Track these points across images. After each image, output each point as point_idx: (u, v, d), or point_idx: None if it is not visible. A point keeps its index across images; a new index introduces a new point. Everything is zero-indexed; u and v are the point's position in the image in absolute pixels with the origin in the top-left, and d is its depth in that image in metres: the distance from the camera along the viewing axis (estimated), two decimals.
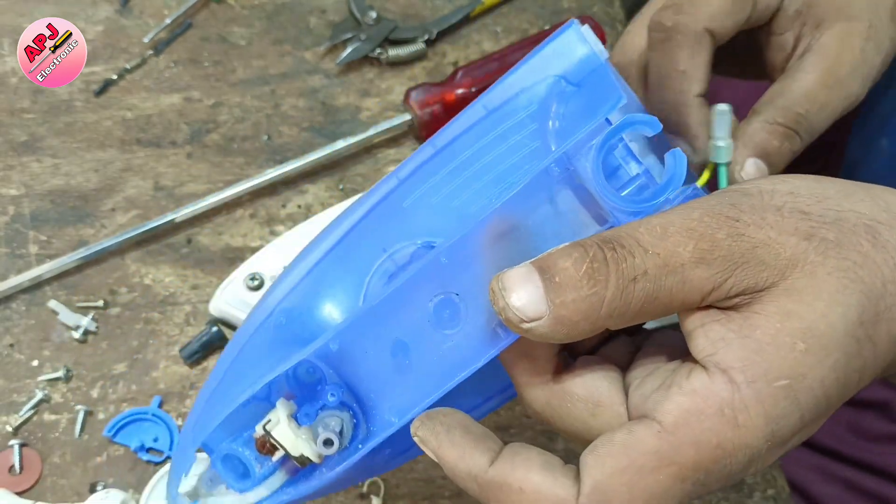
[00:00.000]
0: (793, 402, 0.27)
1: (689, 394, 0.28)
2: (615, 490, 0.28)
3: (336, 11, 0.65)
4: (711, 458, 0.27)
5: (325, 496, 0.46)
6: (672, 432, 0.27)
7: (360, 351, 0.35)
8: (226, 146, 0.59)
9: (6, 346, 0.52)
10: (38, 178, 0.57)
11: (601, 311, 0.28)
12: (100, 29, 0.63)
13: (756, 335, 0.27)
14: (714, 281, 0.28)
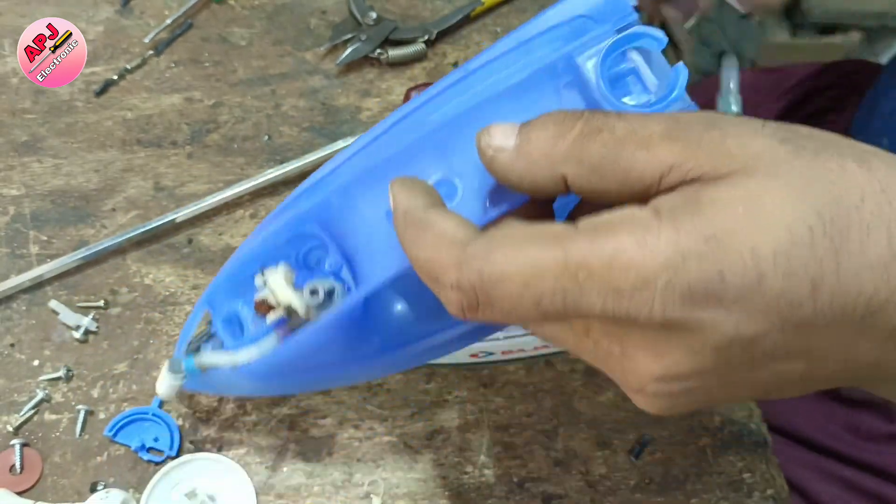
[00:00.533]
0: (712, 249, 0.25)
1: (614, 213, 0.27)
2: (500, 244, 0.27)
3: (336, 12, 0.65)
4: (600, 259, 0.26)
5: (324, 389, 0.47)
6: (578, 230, 0.27)
7: (358, 210, 0.37)
8: (226, 146, 0.59)
9: (7, 345, 0.52)
10: (39, 179, 0.58)
11: (558, 149, 0.28)
12: (100, 29, 0.63)
13: (700, 194, 0.26)
14: (675, 157, 0.27)
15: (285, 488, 0.50)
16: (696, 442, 0.52)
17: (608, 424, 0.52)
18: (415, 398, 0.52)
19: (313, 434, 0.51)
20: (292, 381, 0.45)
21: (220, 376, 0.44)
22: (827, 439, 0.68)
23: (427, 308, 0.44)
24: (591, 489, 0.50)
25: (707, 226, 0.25)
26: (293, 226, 0.40)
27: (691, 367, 0.27)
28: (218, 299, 0.43)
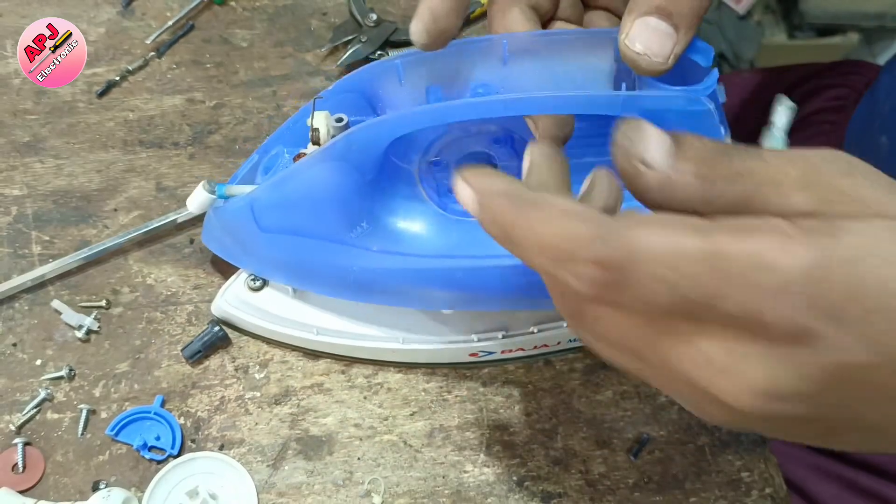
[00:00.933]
0: (851, 273, 0.25)
1: (755, 217, 0.27)
2: (646, 222, 0.27)
3: (337, 13, 0.65)
4: (743, 253, 0.26)
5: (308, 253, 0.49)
6: (722, 225, 0.27)
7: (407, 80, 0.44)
8: (228, 147, 0.60)
9: (9, 345, 0.53)
10: (41, 179, 0.58)
11: (703, 191, 0.28)
12: (102, 30, 0.63)
13: (840, 223, 0.26)
14: (811, 206, 0.27)
15: (286, 487, 0.50)
16: (695, 441, 0.52)
17: (607, 423, 0.52)
18: (415, 397, 0.53)
19: (314, 433, 0.51)
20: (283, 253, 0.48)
21: (230, 221, 0.49)
22: None
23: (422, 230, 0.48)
24: (590, 488, 0.51)
25: (846, 250, 0.25)
26: (359, 77, 0.46)
27: (796, 387, 0.26)
28: (269, 145, 0.49)
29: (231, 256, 0.52)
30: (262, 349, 0.53)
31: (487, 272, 0.45)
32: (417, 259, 0.46)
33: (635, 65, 0.37)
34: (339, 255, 0.46)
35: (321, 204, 0.45)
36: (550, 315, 0.51)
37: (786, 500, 0.51)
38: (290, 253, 0.48)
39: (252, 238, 0.48)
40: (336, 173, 0.44)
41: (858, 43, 1.58)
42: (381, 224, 0.47)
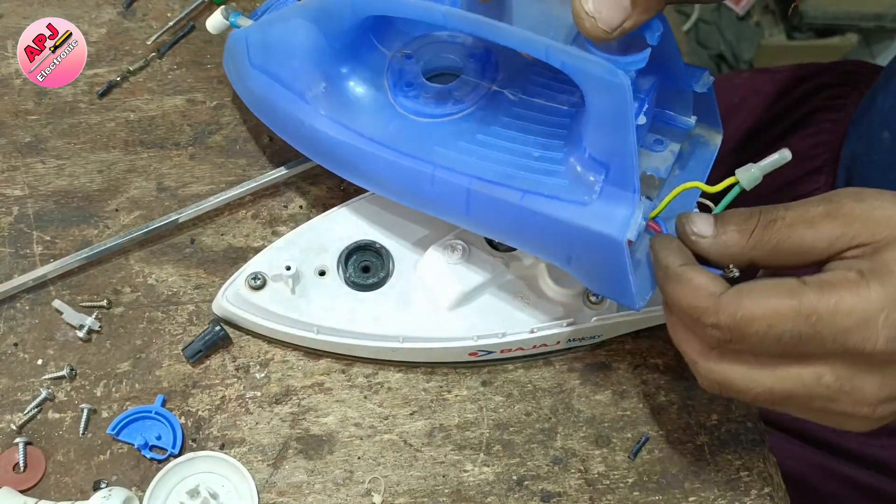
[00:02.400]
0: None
1: (830, 273, 0.37)
2: (749, 293, 0.37)
3: None
4: (827, 307, 0.35)
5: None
6: (807, 284, 0.36)
7: None
8: (228, 147, 0.60)
9: (11, 345, 0.53)
10: (43, 179, 0.58)
11: (747, 241, 0.39)
12: (103, 31, 0.63)
13: (885, 261, 0.36)
14: (837, 230, 0.37)
15: (287, 486, 0.50)
16: (694, 440, 0.53)
17: (607, 423, 0.53)
18: (415, 397, 0.53)
19: (314, 432, 0.51)
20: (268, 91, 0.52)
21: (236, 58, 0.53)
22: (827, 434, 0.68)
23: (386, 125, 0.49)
24: (589, 487, 0.51)
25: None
26: None
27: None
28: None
29: (234, 83, 0.56)
30: (263, 349, 0.54)
31: (408, 171, 0.48)
32: (355, 136, 0.49)
33: (580, 22, 0.38)
34: (297, 107, 0.50)
35: (289, 55, 0.50)
36: (549, 315, 0.51)
37: (784, 499, 0.51)
38: (267, 93, 0.52)
39: (245, 70, 0.53)
40: (303, 31, 0.48)
41: (857, 44, 1.59)
42: (337, 92, 0.50)
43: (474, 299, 0.51)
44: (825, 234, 0.37)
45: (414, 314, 0.51)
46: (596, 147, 0.42)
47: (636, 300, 0.44)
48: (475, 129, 0.48)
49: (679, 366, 0.54)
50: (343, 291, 0.52)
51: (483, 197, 0.45)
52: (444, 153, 0.47)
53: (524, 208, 0.44)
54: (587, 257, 0.44)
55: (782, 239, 0.38)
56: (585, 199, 0.43)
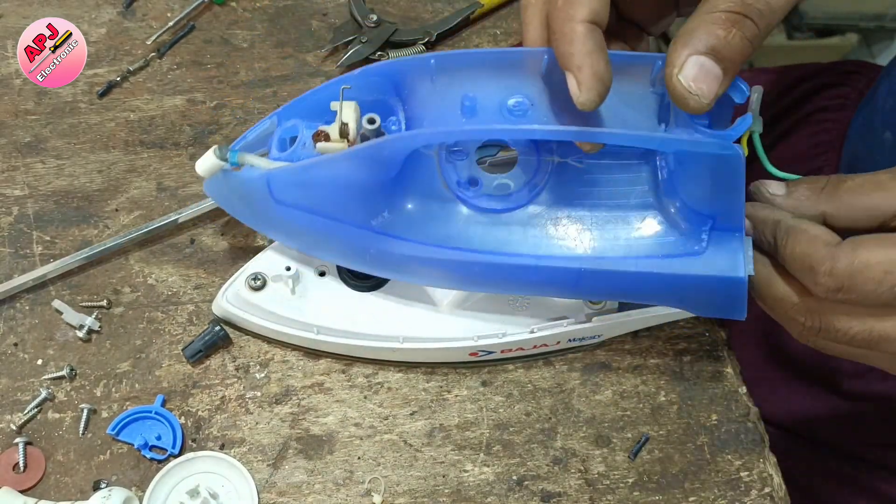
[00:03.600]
0: None
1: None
2: (865, 244, 0.38)
3: (337, 14, 0.65)
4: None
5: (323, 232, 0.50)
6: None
7: (441, 82, 0.44)
8: None
9: (11, 345, 0.53)
10: (42, 179, 0.58)
11: (817, 195, 0.42)
12: (103, 31, 0.63)
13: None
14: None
15: (287, 486, 0.50)
16: (694, 440, 0.53)
17: (607, 423, 0.53)
18: (415, 397, 0.53)
19: (314, 432, 0.51)
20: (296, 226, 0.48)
21: (244, 187, 0.48)
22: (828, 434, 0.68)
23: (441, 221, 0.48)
24: (589, 487, 0.51)
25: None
26: (389, 69, 0.46)
27: None
28: (288, 114, 0.48)
29: (236, 213, 0.52)
30: (263, 349, 0.54)
31: (506, 269, 0.46)
32: (435, 249, 0.47)
33: (683, 101, 0.38)
34: (357, 237, 0.47)
35: (344, 194, 0.46)
36: (549, 315, 0.51)
37: (785, 500, 0.51)
38: (305, 226, 0.48)
39: (265, 206, 0.48)
40: (364, 171, 0.45)
41: (857, 43, 1.58)
42: (401, 211, 0.47)
43: (474, 299, 0.51)
44: (894, 194, 0.39)
45: (414, 314, 0.51)
46: (700, 203, 0.44)
47: (745, 311, 0.46)
48: (557, 206, 0.47)
49: (679, 366, 0.54)
50: (343, 292, 0.52)
51: (595, 273, 0.45)
52: (540, 240, 0.46)
53: (640, 273, 0.44)
54: (705, 297, 0.46)
55: (852, 195, 0.40)
56: (696, 249, 0.44)
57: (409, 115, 0.45)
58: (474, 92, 0.43)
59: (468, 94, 0.43)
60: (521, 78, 0.43)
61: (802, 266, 0.39)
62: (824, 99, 0.77)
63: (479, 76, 0.43)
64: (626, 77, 0.43)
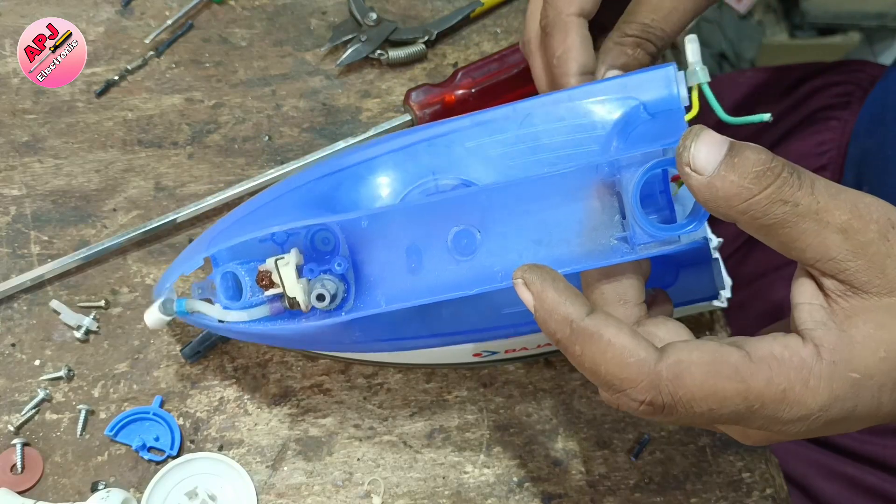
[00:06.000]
0: (854, 393, 0.32)
1: (782, 346, 0.33)
2: (691, 373, 0.32)
3: (337, 13, 0.65)
4: (773, 396, 0.32)
5: (289, 349, 0.51)
6: (755, 361, 0.32)
7: (381, 239, 0.40)
8: (227, 147, 0.59)
9: (8, 345, 0.52)
10: (40, 179, 0.58)
11: (741, 204, 0.32)
12: (101, 30, 0.63)
13: (851, 332, 0.32)
14: (840, 253, 0.32)
15: (286, 487, 0.50)
16: (696, 441, 0.52)
17: (608, 424, 0.52)
18: (415, 398, 0.53)
19: (313, 433, 0.51)
20: (275, 343, 0.48)
21: (206, 322, 0.46)
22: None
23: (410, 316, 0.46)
24: (590, 489, 0.51)
25: (856, 368, 0.32)
26: (319, 224, 0.42)
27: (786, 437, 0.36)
28: (221, 254, 0.45)
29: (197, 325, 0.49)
30: (262, 349, 0.53)
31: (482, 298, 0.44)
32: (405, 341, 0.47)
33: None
34: (333, 347, 0.48)
35: (312, 338, 0.45)
36: None
37: (786, 501, 0.51)
38: (277, 340, 0.48)
39: (229, 333, 0.47)
40: (328, 328, 0.43)
41: (859, 42, 1.58)
42: (368, 324, 0.45)
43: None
44: (825, 247, 0.32)
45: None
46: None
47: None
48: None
49: None
50: None
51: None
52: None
53: None
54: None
55: (782, 224, 0.32)
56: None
57: (351, 250, 0.41)
58: (415, 237, 0.40)
59: (412, 245, 0.40)
60: (463, 208, 0.39)
61: (610, 387, 0.33)
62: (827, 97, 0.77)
63: (415, 219, 0.40)
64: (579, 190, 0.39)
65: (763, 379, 0.32)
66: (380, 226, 0.40)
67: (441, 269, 0.39)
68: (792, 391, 0.32)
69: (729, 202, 0.32)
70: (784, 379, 0.32)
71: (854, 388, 0.32)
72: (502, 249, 0.38)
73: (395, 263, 0.40)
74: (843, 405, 0.33)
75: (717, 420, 0.33)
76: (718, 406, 0.32)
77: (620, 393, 0.33)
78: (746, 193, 0.31)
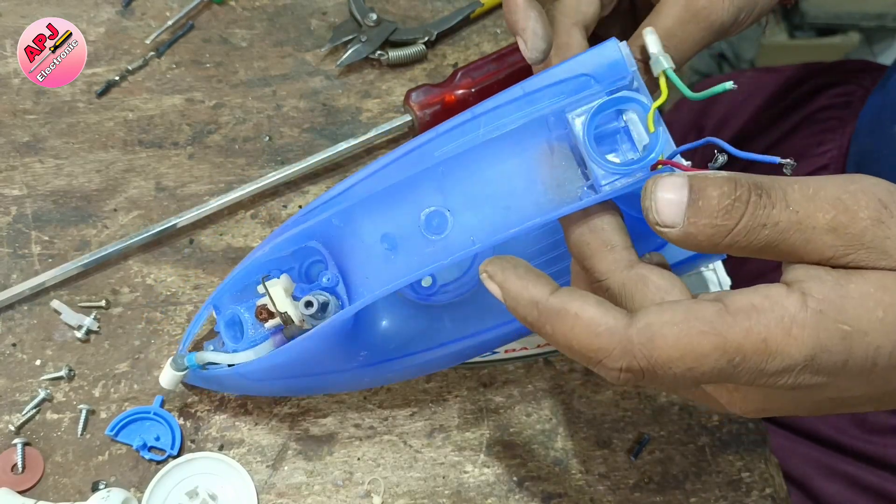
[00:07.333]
0: (845, 346, 0.30)
1: (763, 295, 0.31)
2: (663, 334, 0.31)
3: (337, 13, 0.65)
4: (753, 347, 0.30)
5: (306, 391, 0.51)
6: (731, 313, 0.30)
7: (355, 236, 0.41)
8: (227, 147, 0.60)
9: (9, 345, 0.53)
10: (41, 179, 0.58)
11: (723, 241, 0.31)
12: (102, 30, 0.63)
13: (849, 287, 0.30)
14: (836, 251, 0.31)
15: (286, 487, 0.50)
16: (695, 441, 0.52)
17: (607, 424, 0.52)
18: (415, 397, 0.53)
19: (314, 433, 0.51)
20: (287, 385, 0.49)
21: (220, 375, 0.46)
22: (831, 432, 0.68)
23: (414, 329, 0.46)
24: (590, 489, 0.51)
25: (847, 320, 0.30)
26: (298, 240, 0.44)
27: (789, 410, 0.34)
28: (223, 302, 0.47)
29: (224, 389, 0.51)
30: None
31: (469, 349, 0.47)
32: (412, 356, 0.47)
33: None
34: (346, 378, 0.48)
35: (318, 359, 0.45)
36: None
37: (786, 500, 0.51)
38: (294, 387, 0.50)
39: (248, 384, 0.48)
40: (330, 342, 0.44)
41: (859, 43, 1.58)
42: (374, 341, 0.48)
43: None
44: (820, 251, 0.31)
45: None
46: None
47: None
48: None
49: None
50: None
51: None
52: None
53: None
54: None
55: (770, 244, 0.31)
56: None
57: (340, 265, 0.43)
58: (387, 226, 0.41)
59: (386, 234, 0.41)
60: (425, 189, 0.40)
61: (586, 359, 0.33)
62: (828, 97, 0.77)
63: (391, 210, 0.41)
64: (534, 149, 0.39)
65: (741, 330, 0.30)
66: (351, 222, 0.41)
67: (418, 251, 0.40)
68: (773, 340, 0.30)
69: (711, 242, 0.32)
70: (763, 328, 0.30)
71: (845, 340, 0.30)
72: (473, 221, 0.38)
73: (373, 256, 0.41)
74: (832, 357, 0.30)
75: (700, 379, 0.31)
76: (697, 364, 0.31)
77: (598, 364, 0.32)
78: (723, 230, 0.31)
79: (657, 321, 0.31)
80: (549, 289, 0.33)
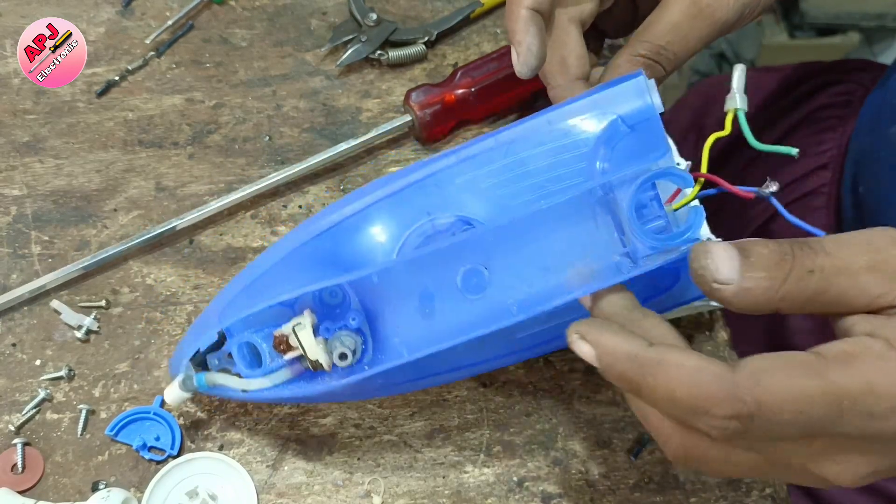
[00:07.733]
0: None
1: (851, 344, 0.32)
2: (770, 378, 0.31)
3: (337, 13, 0.65)
4: (860, 389, 0.31)
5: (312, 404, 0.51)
6: (829, 360, 0.31)
7: (392, 289, 0.41)
8: (227, 147, 0.60)
9: (9, 345, 0.53)
10: (41, 179, 0.58)
11: (777, 293, 0.33)
12: (102, 30, 0.63)
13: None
14: (882, 287, 0.32)
15: (286, 487, 0.50)
16: None
17: (607, 424, 0.52)
18: (415, 397, 0.53)
19: (314, 433, 0.51)
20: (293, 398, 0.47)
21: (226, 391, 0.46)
22: None
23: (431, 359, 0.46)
24: (590, 489, 0.51)
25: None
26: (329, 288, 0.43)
27: (892, 464, 0.34)
28: (236, 326, 0.45)
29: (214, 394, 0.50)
30: None
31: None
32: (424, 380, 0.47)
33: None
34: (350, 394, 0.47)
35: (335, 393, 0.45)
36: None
37: (786, 500, 0.51)
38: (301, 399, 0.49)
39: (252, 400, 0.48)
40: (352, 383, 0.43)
41: (859, 43, 1.58)
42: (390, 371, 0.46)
43: None
44: (865, 290, 0.33)
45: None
46: None
47: None
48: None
49: None
50: None
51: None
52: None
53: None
54: None
55: (819, 291, 0.33)
56: None
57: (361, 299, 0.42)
58: (425, 282, 0.40)
59: (427, 291, 0.40)
60: (469, 251, 0.40)
61: (690, 409, 0.32)
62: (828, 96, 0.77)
63: (424, 269, 0.40)
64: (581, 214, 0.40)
65: (845, 374, 0.31)
66: (390, 278, 0.41)
67: (454, 310, 0.40)
68: (878, 382, 0.31)
69: (767, 296, 0.33)
70: (866, 370, 0.31)
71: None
72: (512, 281, 0.39)
73: (408, 311, 0.41)
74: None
75: (807, 427, 0.31)
76: (806, 407, 0.31)
77: (705, 415, 0.31)
78: (778, 282, 0.32)
79: (762, 366, 0.31)
80: (645, 342, 0.33)
